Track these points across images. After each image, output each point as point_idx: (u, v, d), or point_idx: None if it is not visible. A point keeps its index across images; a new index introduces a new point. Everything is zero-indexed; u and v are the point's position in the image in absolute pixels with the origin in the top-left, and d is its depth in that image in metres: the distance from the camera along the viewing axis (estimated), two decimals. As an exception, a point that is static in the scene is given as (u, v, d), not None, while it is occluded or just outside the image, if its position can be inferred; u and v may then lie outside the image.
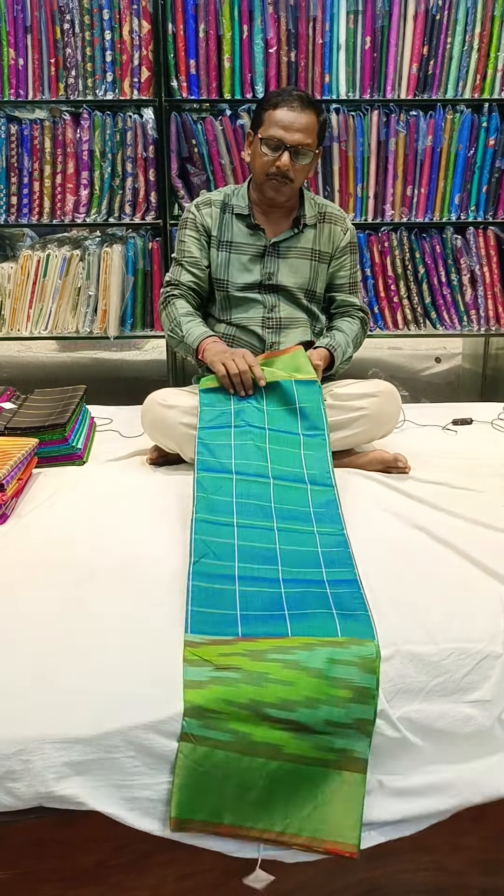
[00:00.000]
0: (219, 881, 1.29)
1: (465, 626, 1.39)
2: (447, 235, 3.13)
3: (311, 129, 2.07)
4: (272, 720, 1.22)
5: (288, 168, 2.06)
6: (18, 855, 1.24)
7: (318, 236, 2.23)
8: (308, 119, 2.05)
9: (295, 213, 2.22)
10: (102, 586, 1.49)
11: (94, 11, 2.85)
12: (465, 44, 2.94)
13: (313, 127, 2.07)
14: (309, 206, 2.23)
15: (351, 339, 2.23)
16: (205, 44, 2.88)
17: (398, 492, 1.95)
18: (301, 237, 2.22)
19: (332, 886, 1.33)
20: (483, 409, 2.63)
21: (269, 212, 2.20)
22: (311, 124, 2.06)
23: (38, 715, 1.20)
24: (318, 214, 2.24)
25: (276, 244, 2.20)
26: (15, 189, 3.01)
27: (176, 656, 1.29)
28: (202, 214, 2.22)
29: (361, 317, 2.32)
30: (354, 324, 2.28)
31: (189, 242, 2.23)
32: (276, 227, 2.22)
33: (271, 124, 2.05)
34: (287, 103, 2.05)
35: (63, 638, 1.34)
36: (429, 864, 1.37)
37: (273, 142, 2.05)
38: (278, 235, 2.20)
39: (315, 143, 2.10)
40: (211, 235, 2.22)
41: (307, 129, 2.05)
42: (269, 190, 2.13)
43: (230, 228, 2.21)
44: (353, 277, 2.31)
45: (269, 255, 2.20)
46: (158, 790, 1.21)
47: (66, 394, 2.39)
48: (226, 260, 2.20)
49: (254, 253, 2.20)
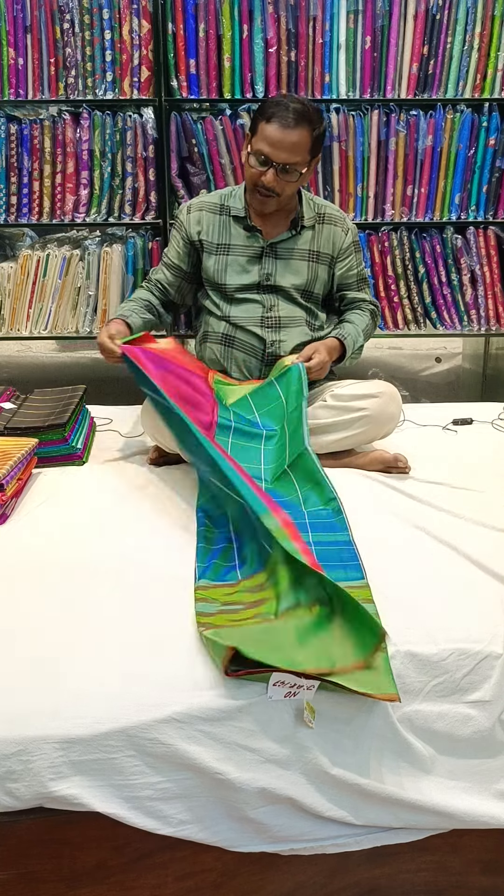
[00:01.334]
0: (219, 881, 1.29)
1: (465, 626, 1.39)
2: (447, 235, 3.13)
3: (302, 146, 2.04)
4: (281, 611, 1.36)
5: (273, 185, 2.06)
6: (18, 855, 1.24)
7: (317, 237, 2.23)
8: (299, 137, 2.02)
9: (293, 215, 2.22)
10: (102, 586, 1.50)
11: (94, 11, 2.84)
12: (466, 43, 2.94)
13: (304, 144, 2.05)
14: (307, 208, 2.23)
15: (361, 329, 2.25)
16: (205, 43, 2.88)
17: (398, 492, 1.95)
18: (299, 238, 2.22)
19: (332, 886, 1.34)
20: (483, 409, 2.63)
21: (266, 214, 2.20)
22: (301, 142, 2.03)
23: (38, 715, 1.20)
24: (317, 216, 2.24)
25: (273, 245, 2.20)
26: (15, 189, 3.00)
27: (176, 656, 1.29)
28: (190, 220, 2.25)
29: (371, 309, 2.33)
30: (364, 315, 2.30)
31: (172, 244, 2.32)
32: (273, 228, 2.22)
33: (262, 138, 2.04)
34: (281, 118, 2.01)
35: (63, 638, 1.34)
36: (429, 864, 1.37)
37: (261, 157, 2.05)
38: (276, 237, 2.20)
39: (305, 160, 2.08)
40: (202, 241, 2.23)
41: (296, 148, 2.03)
42: (255, 201, 2.15)
43: (227, 231, 2.21)
44: (360, 275, 2.33)
45: (267, 256, 2.20)
46: (158, 790, 1.22)
47: (65, 394, 2.39)
48: (223, 263, 2.21)
49: (251, 254, 2.20)
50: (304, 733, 1.25)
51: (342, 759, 1.27)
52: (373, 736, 1.29)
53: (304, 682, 1.22)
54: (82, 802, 1.19)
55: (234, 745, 1.23)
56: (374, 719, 1.28)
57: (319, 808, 1.26)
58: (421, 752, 1.31)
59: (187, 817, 1.24)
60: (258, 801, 1.24)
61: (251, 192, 2.14)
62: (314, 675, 1.22)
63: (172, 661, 1.28)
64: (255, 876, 1.32)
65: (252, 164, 2.07)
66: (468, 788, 1.33)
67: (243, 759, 1.23)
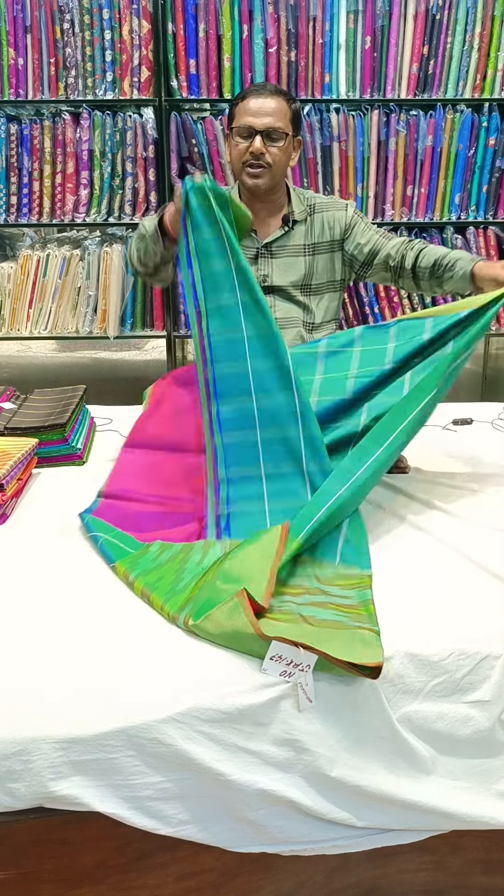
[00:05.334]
0: (219, 881, 1.29)
1: (465, 626, 1.39)
2: (447, 235, 3.13)
3: (282, 112, 2.06)
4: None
5: (262, 152, 2.05)
6: (18, 855, 1.24)
7: (310, 230, 2.22)
8: (277, 104, 2.05)
9: (284, 212, 2.21)
10: (102, 586, 1.49)
11: (94, 11, 2.85)
12: (466, 43, 2.94)
13: (284, 111, 2.06)
14: (297, 202, 2.21)
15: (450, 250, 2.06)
16: (205, 43, 2.88)
17: (398, 492, 1.95)
18: (292, 234, 2.21)
19: (332, 886, 1.34)
20: (483, 409, 2.62)
21: (257, 210, 2.18)
22: (280, 108, 2.05)
23: (38, 715, 1.20)
24: (308, 208, 2.23)
25: (268, 245, 2.20)
26: (15, 189, 3.01)
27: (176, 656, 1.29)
28: None
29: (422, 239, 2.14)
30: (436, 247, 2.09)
31: None
32: (265, 227, 2.21)
33: (241, 114, 2.06)
34: (254, 93, 2.06)
35: (63, 638, 1.34)
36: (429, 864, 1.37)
37: (244, 130, 2.05)
38: (269, 236, 2.20)
39: (288, 128, 2.08)
40: None
41: (277, 113, 2.05)
42: (247, 179, 2.10)
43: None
44: (378, 232, 2.18)
45: (263, 257, 2.20)
46: (158, 790, 1.21)
47: (65, 394, 2.38)
48: None
49: (248, 256, 2.19)
50: (304, 736, 1.25)
51: (342, 760, 1.27)
52: (372, 737, 1.29)
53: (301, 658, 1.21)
54: (82, 802, 1.19)
55: (234, 746, 1.23)
56: (374, 720, 1.28)
57: (320, 811, 1.26)
58: (421, 752, 1.31)
59: (187, 817, 1.24)
60: (258, 802, 1.24)
61: (241, 172, 2.10)
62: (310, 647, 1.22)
63: (172, 661, 1.28)
64: (255, 876, 1.32)
65: (237, 141, 2.07)
66: (468, 789, 1.33)
67: (243, 760, 1.23)
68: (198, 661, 1.29)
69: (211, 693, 1.23)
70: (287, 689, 1.24)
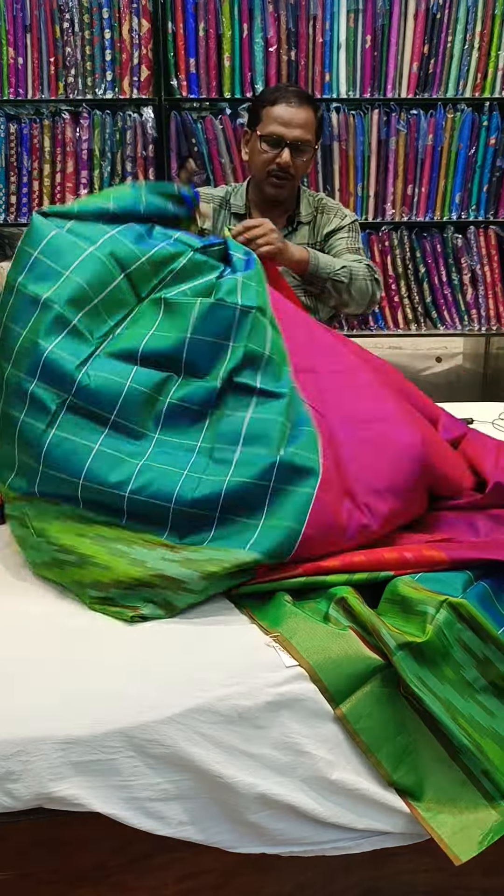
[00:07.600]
0: (219, 882, 1.29)
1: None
2: (448, 235, 3.13)
3: (310, 124, 2.06)
4: None
5: (289, 165, 2.05)
6: (18, 855, 1.24)
7: (314, 231, 2.22)
8: (307, 115, 2.05)
9: (290, 212, 2.21)
10: (102, 586, 1.49)
11: (94, 10, 2.84)
12: (466, 42, 2.93)
13: (312, 123, 2.07)
14: (305, 204, 2.21)
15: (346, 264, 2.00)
16: (205, 42, 2.88)
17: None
18: (296, 235, 2.21)
19: (332, 887, 1.33)
20: (483, 409, 2.62)
21: (266, 211, 2.19)
22: (309, 120, 2.06)
23: (38, 715, 1.20)
24: (315, 209, 2.23)
25: None
26: (14, 188, 3.00)
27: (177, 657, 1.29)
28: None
29: (367, 264, 2.06)
30: (356, 262, 2.04)
31: None
32: None
33: (270, 121, 2.04)
34: (285, 100, 2.04)
35: (62, 638, 1.34)
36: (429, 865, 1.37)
37: (273, 139, 2.04)
38: None
39: (314, 139, 2.09)
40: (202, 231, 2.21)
41: (306, 125, 2.05)
42: (269, 188, 2.11)
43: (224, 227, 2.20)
44: (350, 243, 2.15)
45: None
46: (158, 791, 1.21)
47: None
48: None
49: None
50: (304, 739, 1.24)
51: (342, 763, 1.26)
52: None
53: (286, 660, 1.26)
54: (82, 803, 1.18)
55: (234, 749, 1.22)
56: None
57: (320, 815, 1.26)
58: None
59: (187, 819, 1.23)
60: (258, 806, 1.24)
61: (264, 180, 2.10)
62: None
63: (172, 662, 1.28)
64: (255, 877, 1.31)
65: (264, 149, 2.05)
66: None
67: (242, 763, 1.23)
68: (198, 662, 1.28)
69: (211, 695, 1.23)
70: (288, 692, 1.24)
